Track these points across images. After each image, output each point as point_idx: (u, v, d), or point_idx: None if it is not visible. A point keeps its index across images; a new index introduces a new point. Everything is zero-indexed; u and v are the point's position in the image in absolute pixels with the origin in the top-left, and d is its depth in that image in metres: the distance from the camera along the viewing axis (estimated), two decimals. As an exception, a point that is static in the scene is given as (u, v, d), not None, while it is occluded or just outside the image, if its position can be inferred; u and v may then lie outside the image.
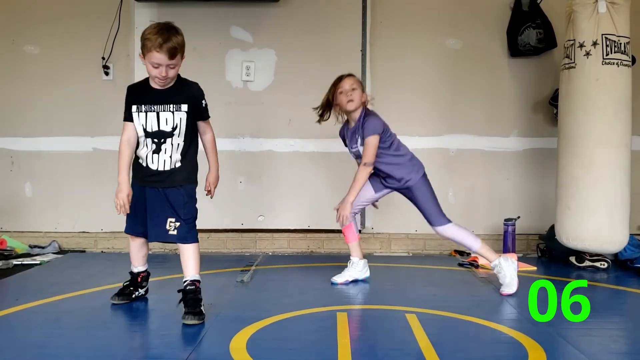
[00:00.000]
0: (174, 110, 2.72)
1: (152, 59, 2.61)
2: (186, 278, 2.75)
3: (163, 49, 2.58)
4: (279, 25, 4.53)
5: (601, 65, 3.66)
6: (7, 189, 4.64)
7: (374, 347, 2.38)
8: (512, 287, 3.20)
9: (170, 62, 2.62)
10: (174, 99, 2.72)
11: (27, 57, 4.60)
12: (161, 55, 2.59)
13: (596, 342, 2.44)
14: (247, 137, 4.57)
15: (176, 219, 2.75)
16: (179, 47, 2.63)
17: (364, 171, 3.27)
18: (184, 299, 2.72)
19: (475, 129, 4.61)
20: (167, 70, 2.64)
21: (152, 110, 2.72)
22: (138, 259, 3.00)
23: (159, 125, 2.72)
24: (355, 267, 3.51)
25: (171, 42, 2.59)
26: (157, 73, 2.64)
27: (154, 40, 2.59)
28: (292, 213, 4.57)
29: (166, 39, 2.58)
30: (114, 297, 2.96)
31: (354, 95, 3.27)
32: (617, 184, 3.68)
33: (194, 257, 2.77)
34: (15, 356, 2.25)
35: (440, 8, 4.58)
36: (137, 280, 3.02)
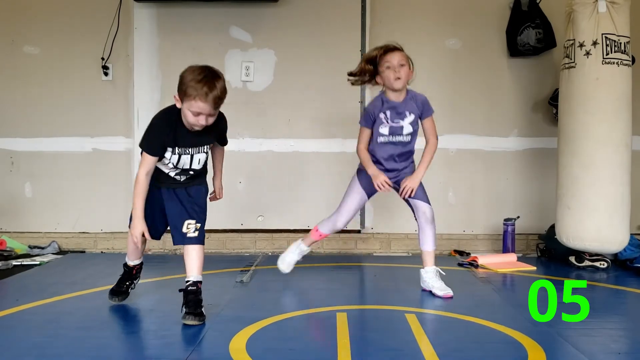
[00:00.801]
0: (207, 151, 2.74)
1: (193, 108, 2.48)
2: (189, 278, 2.70)
3: (209, 99, 2.46)
4: (279, 26, 4.53)
5: (601, 65, 3.65)
6: (7, 189, 4.63)
7: (373, 347, 2.38)
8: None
9: (214, 112, 2.53)
10: (208, 139, 2.72)
11: (27, 58, 4.59)
12: (206, 106, 2.47)
13: (596, 342, 2.44)
14: (247, 137, 4.57)
15: (197, 220, 2.71)
16: (224, 94, 2.52)
17: (435, 147, 3.26)
18: (185, 300, 2.67)
19: (475, 129, 4.61)
20: (207, 119, 2.53)
21: (187, 153, 2.66)
22: (136, 254, 2.94)
23: (191, 165, 2.70)
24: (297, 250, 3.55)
25: (217, 91, 2.47)
26: (195, 121, 2.52)
27: (199, 89, 2.44)
28: (292, 213, 4.56)
29: (212, 88, 2.46)
30: (112, 298, 2.93)
31: (402, 72, 3.08)
32: (618, 184, 3.68)
33: (200, 258, 2.72)
34: (15, 356, 2.25)
35: (439, 8, 4.58)
36: (132, 273, 2.98)
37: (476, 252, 4.45)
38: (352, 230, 4.57)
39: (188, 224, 2.69)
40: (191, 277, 2.70)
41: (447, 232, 4.60)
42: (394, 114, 3.18)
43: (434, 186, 4.58)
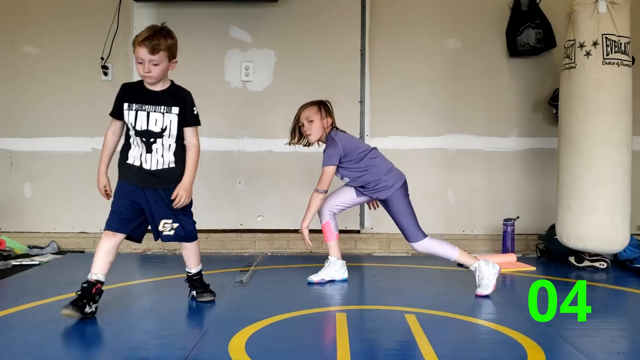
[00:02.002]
0: (164, 112, 2.76)
1: (136, 54, 2.68)
2: (190, 270, 3.03)
3: (144, 44, 2.64)
4: (278, 26, 4.53)
5: (601, 65, 3.65)
6: (6, 190, 4.63)
7: (373, 347, 2.38)
8: (488, 288, 3.17)
9: (152, 57, 2.65)
10: (165, 101, 2.76)
11: (26, 58, 4.60)
12: (142, 50, 2.65)
13: (596, 342, 2.44)
14: (246, 137, 4.57)
15: (173, 220, 2.83)
16: (165, 46, 2.67)
17: (317, 198, 3.36)
18: (192, 285, 3.03)
19: (475, 129, 4.61)
20: (150, 67, 2.67)
21: (143, 109, 2.75)
22: (102, 265, 2.74)
23: (147, 125, 2.74)
24: (333, 267, 3.51)
25: (155, 40, 2.65)
26: (140, 69, 2.70)
27: (139, 36, 2.67)
28: (292, 213, 4.55)
29: (150, 36, 2.65)
30: (66, 307, 2.60)
31: (312, 127, 3.35)
32: (618, 184, 3.68)
33: (196, 252, 3.01)
34: (15, 356, 2.24)
35: (439, 8, 4.58)
36: (91, 291, 2.69)
37: (476, 252, 4.44)
38: (351, 230, 4.57)
39: (164, 223, 2.83)
40: (192, 269, 3.04)
41: (446, 232, 4.60)
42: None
43: (433, 186, 4.59)
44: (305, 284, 3.46)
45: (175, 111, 2.77)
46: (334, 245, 3.54)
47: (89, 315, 2.66)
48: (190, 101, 2.83)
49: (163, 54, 2.67)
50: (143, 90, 2.78)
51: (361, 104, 4.55)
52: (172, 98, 2.78)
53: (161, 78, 2.75)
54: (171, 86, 2.82)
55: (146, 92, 2.77)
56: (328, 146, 3.35)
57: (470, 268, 3.25)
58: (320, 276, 3.49)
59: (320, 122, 3.36)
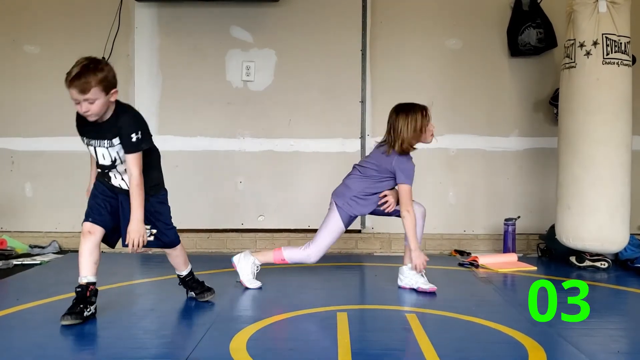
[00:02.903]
0: (107, 147, 2.65)
1: (71, 96, 2.52)
2: (181, 273, 3.02)
3: (73, 84, 2.47)
4: (279, 26, 4.53)
5: (602, 65, 3.65)
6: (7, 189, 4.63)
7: (374, 347, 2.38)
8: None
9: (86, 96, 2.48)
10: (106, 134, 2.63)
11: (27, 57, 4.60)
12: (73, 91, 2.48)
13: (596, 342, 2.44)
14: (247, 137, 4.57)
15: (152, 226, 2.78)
16: (95, 81, 2.47)
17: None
18: (189, 286, 3.02)
19: (476, 129, 4.61)
20: (87, 106, 2.51)
21: (91, 144, 2.70)
22: (88, 266, 2.71)
23: (97, 159, 2.71)
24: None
25: (82, 78, 2.46)
26: (78, 109, 2.56)
27: (68, 74, 2.49)
28: (292, 213, 4.56)
29: (77, 74, 2.46)
30: (65, 318, 2.58)
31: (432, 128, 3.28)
32: (618, 184, 3.68)
33: (181, 256, 2.98)
34: (15, 356, 2.24)
35: (440, 8, 4.58)
36: (85, 294, 2.66)
37: (477, 252, 4.45)
38: (352, 230, 4.57)
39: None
40: (182, 272, 3.03)
41: (447, 232, 4.60)
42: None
43: (434, 186, 4.59)
44: (306, 284, 3.46)
45: (117, 142, 2.63)
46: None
47: (89, 317, 2.64)
48: (126, 128, 2.60)
49: (96, 90, 2.48)
50: (89, 123, 2.62)
51: (362, 104, 4.55)
52: (112, 129, 2.62)
53: (103, 112, 2.57)
54: (112, 115, 2.61)
55: (90, 125, 2.63)
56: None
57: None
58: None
59: None
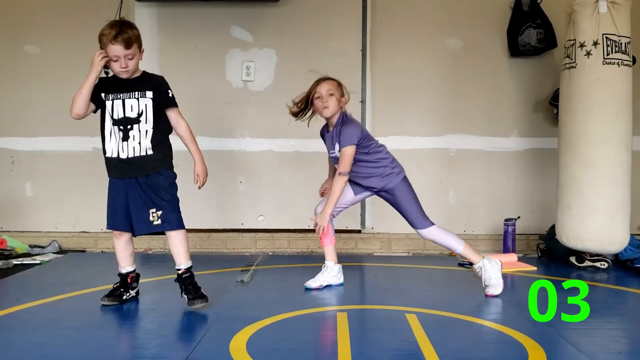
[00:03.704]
0: (138, 97, 2.82)
1: (110, 52, 2.74)
2: (179, 267, 2.90)
3: (117, 41, 2.71)
4: (280, 25, 4.53)
5: (602, 65, 3.65)
6: (8, 189, 4.64)
7: (374, 347, 2.38)
8: (497, 288, 3.15)
9: (127, 52, 2.74)
10: (139, 86, 2.83)
11: (28, 57, 4.60)
12: (117, 47, 2.72)
13: (596, 342, 2.44)
14: (248, 137, 4.57)
15: (157, 208, 2.82)
16: (134, 37, 2.76)
17: (341, 181, 3.19)
18: (184, 287, 2.88)
19: (476, 129, 4.61)
20: (127, 62, 2.76)
21: (118, 97, 2.82)
22: (125, 259, 3.00)
23: (124, 112, 2.80)
24: (330, 272, 3.41)
25: (125, 34, 2.72)
26: (116, 66, 2.78)
27: (109, 34, 2.72)
28: (292, 213, 4.56)
29: (119, 31, 2.72)
30: (104, 298, 2.93)
31: (330, 101, 3.20)
32: (618, 184, 3.68)
33: (183, 244, 2.89)
34: (15, 356, 2.25)
35: (440, 8, 4.58)
36: (126, 281, 3.00)
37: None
38: (352, 230, 4.58)
39: (152, 213, 2.83)
40: (181, 265, 2.90)
41: (447, 232, 4.60)
42: (329, 144, 3.32)
43: (434, 186, 4.59)
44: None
45: (150, 95, 2.82)
46: (331, 250, 3.44)
47: (130, 298, 2.98)
48: (164, 84, 2.88)
49: (135, 46, 2.77)
50: (117, 80, 2.85)
51: (362, 104, 4.55)
52: (145, 83, 2.85)
53: (136, 70, 2.84)
54: (143, 74, 2.89)
55: (120, 81, 2.84)
56: (346, 125, 3.19)
57: (473, 267, 3.25)
58: (318, 282, 3.37)
59: (338, 100, 3.23)
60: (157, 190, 2.82)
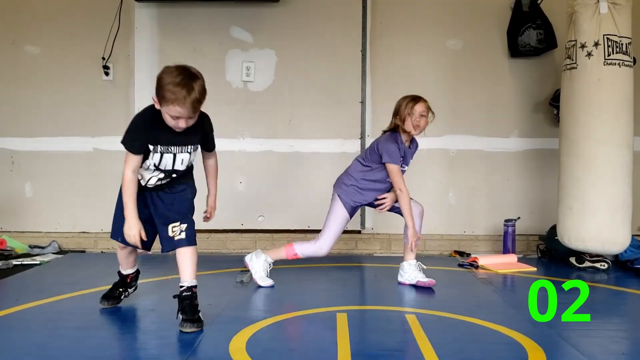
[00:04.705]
0: (191, 151, 2.60)
1: (172, 112, 2.38)
2: (183, 283, 2.59)
3: (187, 104, 2.35)
4: (280, 26, 4.53)
5: (603, 66, 3.65)
6: (7, 189, 4.64)
7: (374, 347, 2.38)
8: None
9: (194, 115, 2.43)
10: (191, 139, 2.57)
11: (28, 57, 4.60)
12: (184, 110, 2.37)
13: (596, 343, 2.44)
14: (247, 137, 4.57)
15: (181, 222, 2.59)
16: (203, 97, 2.41)
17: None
18: (182, 306, 2.56)
19: (476, 130, 4.61)
20: (187, 122, 2.43)
21: (169, 151, 2.54)
22: (128, 264, 2.91)
23: (174, 165, 2.58)
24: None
25: (195, 94, 2.36)
26: (175, 124, 2.43)
27: (177, 93, 2.34)
28: (292, 213, 4.56)
29: (190, 91, 2.35)
30: (102, 301, 2.87)
31: (422, 122, 3.31)
32: (619, 185, 3.68)
33: (193, 261, 2.60)
34: (15, 356, 2.24)
35: (440, 8, 4.58)
36: (126, 280, 2.95)
37: (476, 252, 4.44)
38: (352, 231, 4.57)
39: (173, 227, 2.59)
40: (185, 282, 2.58)
41: (447, 232, 4.60)
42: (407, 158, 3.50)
43: (434, 187, 4.60)
44: (306, 284, 3.46)
45: (198, 142, 2.63)
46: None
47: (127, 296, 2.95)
48: (210, 130, 2.66)
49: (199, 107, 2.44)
50: (166, 129, 2.48)
51: (362, 105, 4.55)
52: (197, 134, 2.58)
53: None
54: (198, 120, 2.52)
55: (170, 131, 2.48)
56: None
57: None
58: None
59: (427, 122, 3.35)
60: (181, 201, 2.64)
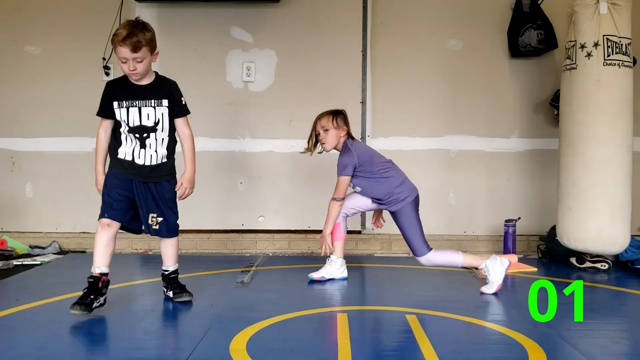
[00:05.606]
0: (155, 106, 2.78)
1: (118, 54, 2.68)
2: (168, 268, 2.99)
3: (125, 43, 2.63)
4: (280, 26, 4.53)
5: (602, 67, 3.65)
6: (8, 190, 4.64)
7: (374, 348, 2.38)
8: (491, 287, 3.23)
9: (135, 55, 2.66)
10: (154, 94, 2.78)
11: (28, 57, 4.60)
12: (124, 49, 2.64)
13: (596, 343, 2.44)
14: (248, 137, 4.57)
15: (159, 214, 2.85)
16: (145, 41, 2.67)
17: (335, 206, 3.44)
18: (170, 284, 2.99)
19: (476, 130, 4.61)
20: (135, 64, 2.68)
21: (134, 105, 2.76)
22: (104, 256, 2.76)
23: (140, 120, 2.77)
24: (333, 265, 3.56)
25: (135, 37, 2.64)
26: (125, 68, 2.70)
27: (118, 35, 2.65)
28: (293, 214, 4.56)
29: (129, 34, 2.64)
30: (74, 307, 2.64)
31: (327, 137, 3.42)
32: (619, 185, 3.68)
33: (175, 249, 2.99)
34: (16, 356, 2.24)
35: (441, 9, 4.58)
36: (97, 285, 2.74)
37: (477, 253, 4.44)
38: (353, 231, 4.57)
39: (152, 217, 2.84)
40: (169, 267, 2.99)
41: (447, 233, 4.60)
42: None
43: (434, 187, 4.59)
44: (307, 285, 3.46)
45: (165, 103, 2.80)
46: (339, 246, 3.58)
47: (97, 307, 2.72)
48: (177, 91, 2.86)
49: (145, 49, 2.68)
50: (130, 86, 2.78)
51: (362, 105, 4.55)
52: (160, 91, 2.80)
53: (147, 72, 2.77)
54: (157, 78, 2.83)
55: (134, 87, 2.78)
56: (343, 155, 3.41)
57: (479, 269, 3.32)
58: (320, 274, 3.53)
59: (336, 131, 3.42)
60: (163, 198, 2.84)
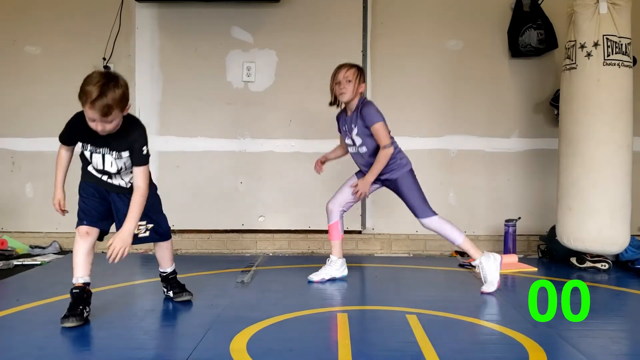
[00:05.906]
0: (116, 158, 2.65)
1: (86, 113, 2.48)
2: (165, 270, 3.02)
3: (95, 106, 2.42)
4: (280, 26, 4.53)
5: (602, 66, 3.65)
6: (8, 190, 4.64)
7: (374, 348, 2.38)
8: (490, 285, 3.23)
9: (105, 118, 2.46)
10: (117, 145, 2.62)
11: (28, 58, 4.60)
12: (93, 112, 2.44)
13: (597, 343, 2.44)
14: (248, 137, 4.57)
15: (148, 221, 2.83)
16: (115, 102, 2.43)
17: (388, 152, 3.30)
18: (169, 284, 3.02)
19: (476, 130, 4.61)
20: (104, 125, 2.48)
21: (97, 152, 2.66)
22: (85, 266, 2.69)
23: (104, 166, 2.68)
24: (333, 266, 3.55)
25: (104, 98, 2.41)
26: (93, 126, 2.51)
27: (87, 94, 2.44)
28: (293, 214, 4.56)
29: (99, 95, 2.41)
30: (67, 320, 2.56)
31: (347, 87, 3.31)
32: (619, 185, 3.68)
33: (171, 251, 3.02)
34: (16, 356, 2.24)
35: (441, 9, 4.58)
36: (82, 296, 2.65)
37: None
38: (353, 231, 4.57)
39: (139, 226, 2.77)
40: (166, 268, 3.03)
41: (448, 233, 4.59)
42: (348, 128, 3.43)
43: (434, 187, 4.59)
44: (307, 284, 3.46)
45: (125, 155, 2.64)
46: (338, 245, 3.57)
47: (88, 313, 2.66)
48: (139, 142, 2.62)
49: (116, 112, 2.46)
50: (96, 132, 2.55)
51: (362, 105, 4.54)
52: (121, 142, 2.61)
53: (116, 129, 2.56)
54: (123, 126, 2.59)
55: (96, 134, 2.56)
56: (367, 106, 3.32)
57: (472, 264, 3.29)
58: (320, 275, 3.51)
59: (356, 86, 3.33)
60: (145, 205, 2.68)
